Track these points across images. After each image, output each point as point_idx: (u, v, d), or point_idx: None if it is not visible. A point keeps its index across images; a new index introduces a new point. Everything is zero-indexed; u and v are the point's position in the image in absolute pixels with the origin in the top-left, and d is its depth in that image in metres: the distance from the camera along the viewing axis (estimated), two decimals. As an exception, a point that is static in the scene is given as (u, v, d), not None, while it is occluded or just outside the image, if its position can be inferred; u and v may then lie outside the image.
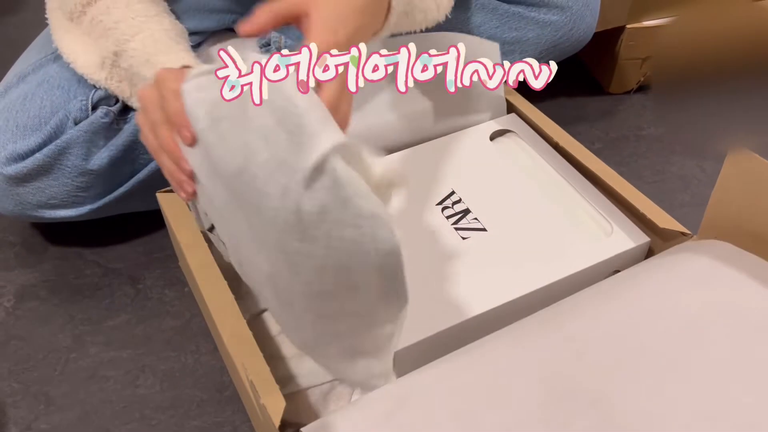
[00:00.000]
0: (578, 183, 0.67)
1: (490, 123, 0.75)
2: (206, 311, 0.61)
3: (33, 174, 0.68)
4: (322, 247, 0.41)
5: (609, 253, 0.60)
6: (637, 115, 0.97)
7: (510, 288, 0.57)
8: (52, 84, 0.70)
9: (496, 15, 0.78)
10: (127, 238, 0.79)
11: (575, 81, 1.03)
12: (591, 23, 0.81)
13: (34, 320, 0.71)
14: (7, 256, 0.77)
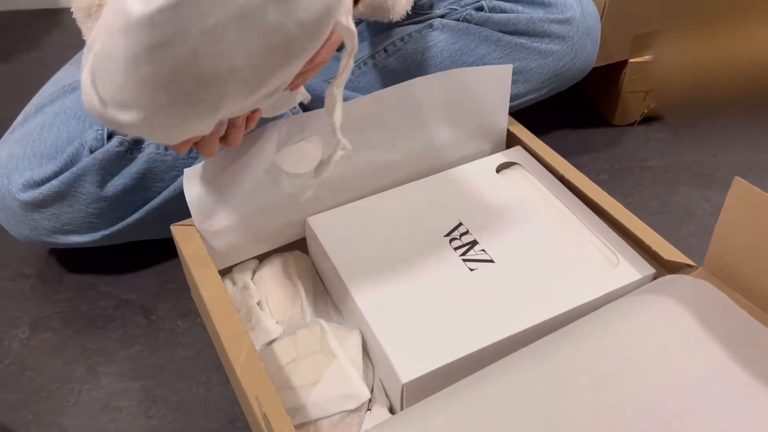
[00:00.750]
0: (584, 215, 0.68)
1: (496, 155, 0.77)
2: (218, 343, 0.62)
3: (48, 200, 0.70)
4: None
5: (615, 284, 0.61)
6: (641, 147, 0.98)
7: (517, 320, 0.58)
8: (68, 114, 0.72)
9: (499, 46, 0.80)
10: (141, 268, 0.81)
11: (579, 113, 1.04)
12: (592, 52, 0.83)
13: (48, 351, 0.72)
14: (22, 288, 0.79)
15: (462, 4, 0.80)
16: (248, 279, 0.71)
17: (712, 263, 0.60)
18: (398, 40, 0.81)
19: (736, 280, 0.58)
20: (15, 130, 0.72)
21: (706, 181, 0.92)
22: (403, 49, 0.80)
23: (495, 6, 0.79)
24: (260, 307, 0.68)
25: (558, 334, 0.56)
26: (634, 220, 0.66)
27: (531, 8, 0.79)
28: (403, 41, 0.80)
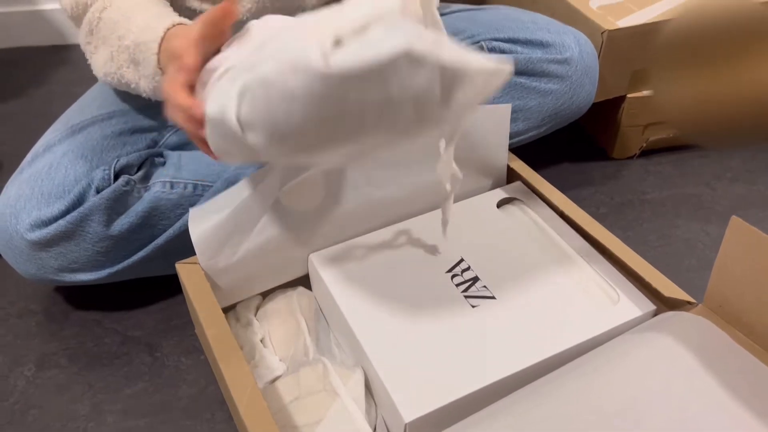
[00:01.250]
0: (584, 251, 0.69)
1: (497, 191, 0.78)
2: (222, 381, 0.62)
3: (55, 239, 0.71)
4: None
5: (616, 321, 0.61)
6: (640, 180, 0.99)
7: (520, 358, 0.58)
8: (76, 154, 0.74)
9: None
10: (146, 304, 0.81)
11: (579, 147, 1.06)
12: (591, 91, 0.84)
13: (53, 389, 0.72)
14: (29, 325, 0.80)
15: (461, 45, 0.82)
16: (252, 315, 0.71)
17: (712, 300, 0.60)
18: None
19: (736, 318, 0.58)
20: (24, 170, 0.74)
21: (706, 214, 0.92)
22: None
23: (494, 46, 0.81)
24: (263, 343, 0.69)
25: (561, 372, 0.56)
26: (634, 257, 0.66)
27: (529, 48, 0.80)
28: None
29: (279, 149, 0.46)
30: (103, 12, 0.69)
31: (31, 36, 1.45)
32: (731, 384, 0.52)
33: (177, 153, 0.78)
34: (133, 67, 0.68)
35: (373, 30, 0.39)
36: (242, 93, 0.45)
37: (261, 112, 0.44)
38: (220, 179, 0.76)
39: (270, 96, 0.43)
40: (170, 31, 0.62)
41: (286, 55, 0.42)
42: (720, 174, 1.00)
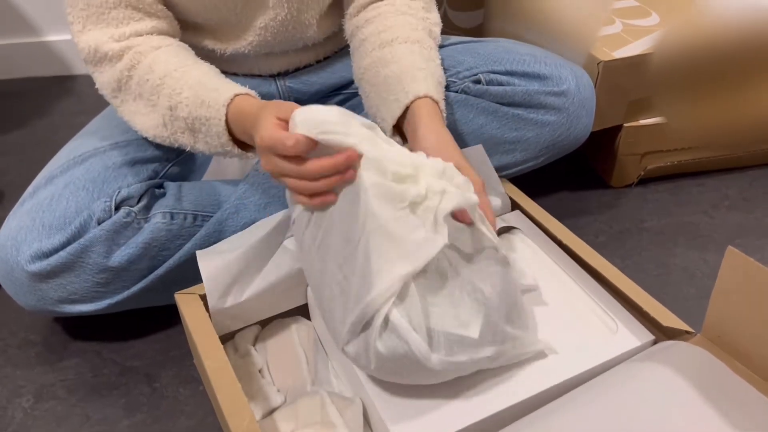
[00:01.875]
0: (583, 280, 0.69)
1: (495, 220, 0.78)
2: (220, 414, 0.62)
3: (56, 271, 0.71)
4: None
5: (615, 351, 0.61)
6: (638, 208, 0.99)
7: (518, 390, 0.58)
8: (77, 186, 0.74)
9: (497, 117, 0.83)
10: (145, 335, 0.81)
11: (577, 175, 1.06)
12: (587, 123, 0.85)
13: (51, 421, 0.72)
14: (28, 355, 0.79)
15: (460, 76, 0.83)
16: (250, 345, 0.71)
17: (710, 330, 0.60)
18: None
19: (734, 348, 0.58)
20: (25, 202, 0.74)
21: (704, 242, 0.93)
22: (403, 119, 0.83)
23: (492, 79, 0.82)
24: (262, 374, 0.69)
25: (559, 402, 0.56)
26: (633, 286, 0.67)
27: (527, 81, 0.81)
28: (404, 112, 0.83)
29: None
30: (132, 71, 0.70)
31: (35, 67, 1.47)
32: (730, 414, 0.52)
33: (177, 184, 0.79)
34: (189, 133, 0.71)
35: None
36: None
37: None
38: (220, 210, 0.77)
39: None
40: (232, 107, 0.67)
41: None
42: (718, 202, 1.00)
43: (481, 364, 0.57)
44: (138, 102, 0.72)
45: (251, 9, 0.76)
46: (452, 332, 0.55)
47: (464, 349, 0.55)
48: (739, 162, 1.06)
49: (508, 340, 0.57)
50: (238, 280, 0.68)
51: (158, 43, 0.72)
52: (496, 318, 0.56)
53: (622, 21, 0.98)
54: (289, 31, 0.79)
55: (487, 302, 0.56)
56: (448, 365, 0.55)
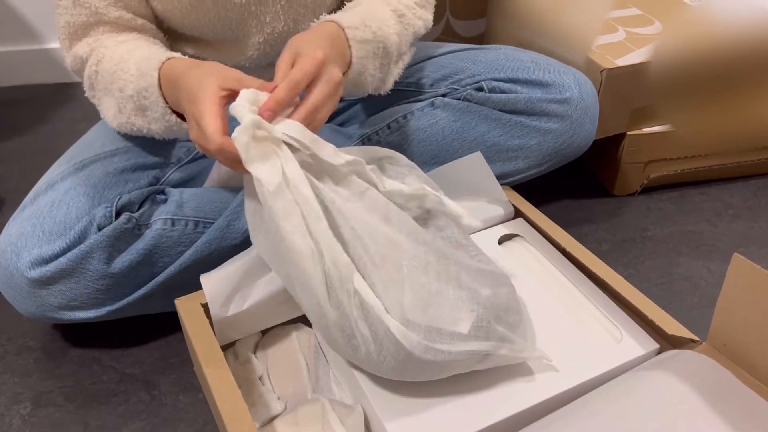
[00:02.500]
0: (586, 288, 0.69)
1: (498, 227, 0.78)
2: (220, 421, 0.61)
3: (56, 277, 0.71)
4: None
5: (619, 360, 0.61)
6: (642, 217, 0.99)
7: (521, 398, 0.58)
8: (78, 192, 0.74)
9: (499, 124, 0.82)
10: (144, 342, 0.81)
11: (580, 183, 1.06)
12: (591, 130, 0.85)
13: (50, 428, 0.71)
14: (26, 362, 0.79)
15: (462, 84, 0.83)
16: (251, 353, 0.71)
17: (716, 338, 0.60)
18: (401, 117, 0.83)
19: (740, 356, 0.58)
20: (26, 208, 0.74)
21: (708, 251, 0.92)
22: (405, 126, 0.83)
23: (494, 86, 0.82)
24: (262, 381, 0.68)
25: (563, 412, 0.56)
26: (637, 294, 0.66)
27: (529, 88, 0.81)
28: (406, 119, 0.83)
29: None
30: (98, 65, 0.71)
31: (36, 74, 1.47)
32: (736, 424, 0.51)
33: (179, 190, 0.78)
34: (140, 113, 0.71)
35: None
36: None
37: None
38: (221, 216, 0.76)
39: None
40: (163, 70, 0.65)
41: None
42: (721, 211, 1.00)
43: (469, 361, 0.56)
44: (106, 96, 0.73)
45: (247, 25, 0.76)
46: (442, 327, 0.55)
47: (447, 339, 0.55)
48: (743, 171, 1.05)
49: (498, 340, 0.57)
50: (240, 289, 0.67)
51: (125, 38, 0.72)
52: (486, 316, 0.56)
53: (625, 29, 0.98)
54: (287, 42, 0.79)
55: (479, 299, 0.56)
56: (429, 351, 0.54)
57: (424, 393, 0.59)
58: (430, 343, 0.54)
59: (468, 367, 0.57)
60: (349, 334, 0.55)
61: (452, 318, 0.55)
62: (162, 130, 0.71)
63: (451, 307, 0.56)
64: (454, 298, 0.56)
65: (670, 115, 0.97)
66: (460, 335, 0.55)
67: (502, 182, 0.82)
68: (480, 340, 0.56)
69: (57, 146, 0.87)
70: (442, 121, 0.82)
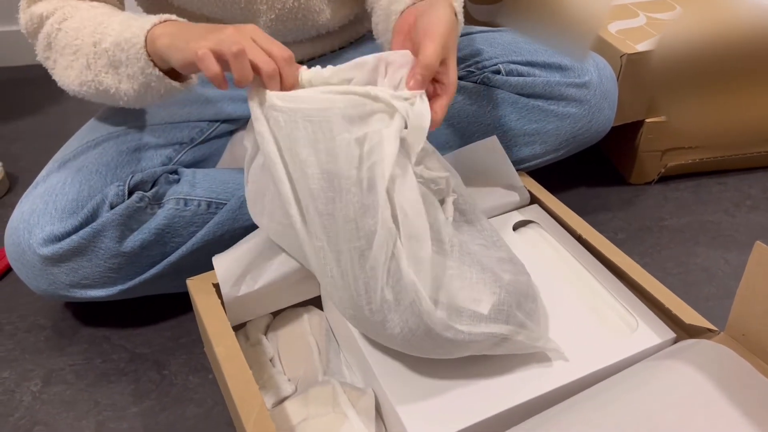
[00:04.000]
0: (602, 276, 0.68)
1: (513, 213, 0.77)
2: (230, 401, 0.61)
3: (68, 255, 0.71)
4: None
5: (634, 349, 0.60)
6: (658, 206, 0.98)
7: (535, 384, 0.57)
8: (90, 170, 0.73)
9: (517, 108, 0.81)
10: (155, 322, 0.80)
11: (597, 172, 1.05)
12: (609, 115, 0.83)
13: (59, 405, 0.71)
14: (37, 340, 0.79)
15: (480, 66, 0.82)
16: (261, 335, 0.70)
17: (734, 328, 0.58)
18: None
19: (759, 347, 0.57)
20: (38, 185, 0.74)
21: (725, 241, 0.91)
22: (420, 108, 0.81)
23: (512, 69, 0.80)
24: (273, 363, 0.68)
25: (577, 399, 0.55)
26: (654, 283, 0.65)
27: (548, 72, 0.80)
28: (422, 101, 0.82)
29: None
30: (63, 23, 0.68)
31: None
32: (754, 414, 0.50)
33: (191, 170, 0.78)
34: (112, 71, 0.66)
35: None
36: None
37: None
38: (234, 197, 0.76)
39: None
40: (163, 25, 0.62)
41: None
42: (739, 201, 0.98)
43: (485, 344, 0.56)
44: (65, 55, 0.68)
45: (256, 2, 0.75)
46: (462, 306, 0.54)
47: (467, 319, 0.55)
48: (762, 161, 1.04)
49: (516, 326, 0.56)
50: (252, 270, 0.67)
51: (99, 5, 0.69)
52: (508, 300, 0.56)
53: (646, 14, 0.96)
54: (299, 18, 0.78)
55: (501, 283, 0.56)
56: (449, 330, 0.54)
57: (436, 377, 0.58)
58: (452, 322, 0.54)
59: (482, 350, 0.57)
60: (371, 297, 0.54)
61: (473, 298, 0.55)
62: (134, 89, 0.66)
63: (472, 288, 0.55)
64: (476, 280, 0.56)
65: (666, 106, 0.95)
66: (481, 316, 0.55)
67: (519, 167, 0.81)
68: (500, 323, 0.55)
69: (69, 126, 0.87)
70: (459, 104, 0.81)
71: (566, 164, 0.93)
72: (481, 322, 0.55)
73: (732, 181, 1.02)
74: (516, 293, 0.57)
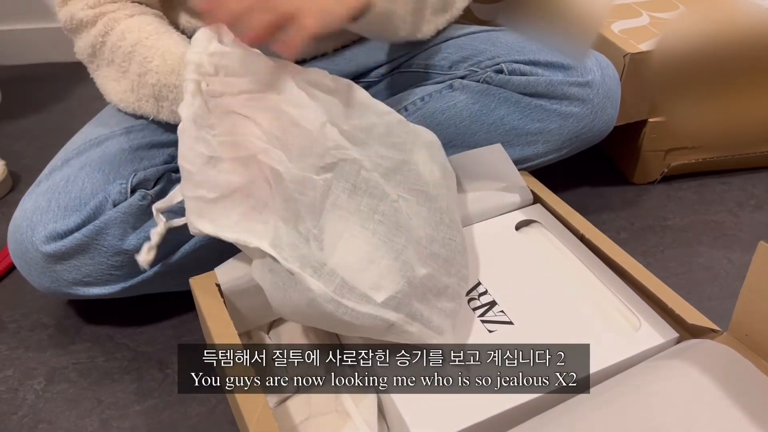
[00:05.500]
0: (605, 276, 0.68)
1: (515, 213, 0.77)
2: (232, 399, 0.61)
3: (71, 252, 0.71)
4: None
5: (637, 348, 0.60)
6: (661, 206, 0.97)
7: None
8: (93, 167, 0.74)
9: (519, 107, 0.81)
10: (158, 320, 0.81)
11: (599, 171, 1.05)
12: (612, 115, 0.83)
13: (63, 403, 0.71)
14: (40, 338, 0.79)
15: (482, 66, 0.82)
16: (264, 333, 0.70)
17: (737, 329, 0.58)
18: (419, 99, 0.82)
19: (763, 347, 0.57)
20: (41, 183, 0.74)
21: (728, 241, 0.90)
22: (423, 108, 0.81)
23: (514, 68, 0.80)
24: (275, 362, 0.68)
25: (579, 399, 0.55)
26: (657, 282, 0.65)
27: (550, 71, 0.80)
28: (424, 101, 0.82)
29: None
30: (105, 37, 0.71)
31: (53, 52, 1.47)
32: (758, 415, 0.50)
33: (194, 169, 0.78)
34: (153, 100, 0.71)
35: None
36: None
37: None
38: (236, 196, 0.76)
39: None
40: None
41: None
42: (743, 201, 0.98)
43: (374, 328, 0.57)
44: (110, 68, 0.73)
45: None
46: (353, 285, 0.56)
47: (356, 297, 0.56)
48: (766, 161, 1.03)
49: (407, 315, 0.57)
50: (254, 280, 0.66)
51: (132, 11, 0.72)
52: (408, 291, 0.57)
53: (649, 14, 0.96)
54: None
55: (411, 275, 0.57)
56: (332, 302, 0.55)
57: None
58: (338, 297, 0.55)
59: (375, 333, 0.57)
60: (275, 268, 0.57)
61: (374, 283, 0.56)
62: (173, 120, 0.72)
63: (377, 274, 0.56)
64: (384, 267, 0.57)
65: (665, 107, 0.95)
66: (368, 298, 0.55)
67: (521, 167, 0.81)
68: (388, 309, 0.56)
69: (72, 124, 0.87)
70: (461, 103, 0.81)
71: (569, 164, 0.93)
72: (368, 303, 0.56)
73: (736, 180, 1.02)
74: (423, 288, 0.58)
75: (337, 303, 0.55)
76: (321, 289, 0.55)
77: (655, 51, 0.88)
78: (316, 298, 0.55)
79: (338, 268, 0.56)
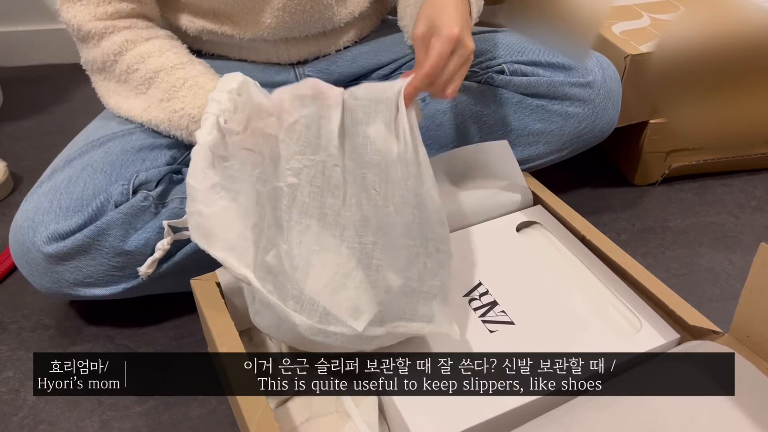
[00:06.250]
0: (606, 277, 0.68)
1: (516, 214, 0.77)
2: (233, 401, 0.61)
3: (72, 253, 0.71)
4: None
5: (638, 349, 0.60)
6: (662, 207, 0.97)
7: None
8: (95, 168, 0.74)
9: (521, 108, 0.81)
10: (159, 321, 0.81)
11: (600, 172, 1.05)
12: (613, 115, 0.83)
13: (63, 405, 0.71)
14: (41, 339, 0.79)
15: (483, 66, 0.82)
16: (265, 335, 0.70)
17: (738, 330, 0.58)
18: (420, 100, 0.82)
19: (764, 348, 0.57)
20: (43, 184, 0.74)
21: (729, 243, 0.90)
22: (424, 109, 0.81)
23: (516, 69, 0.80)
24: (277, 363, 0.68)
25: (581, 400, 0.55)
26: (658, 284, 0.65)
27: (552, 72, 0.80)
28: (425, 101, 0.82)
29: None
30: (119, 56, 0.73)
31: (54, 54, 1.47)
32: (758, 416, 0.50)
33: (195, 170, 0.78)
34: (166, 124, 0.74)
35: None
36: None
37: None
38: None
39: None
40: None
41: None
42: (744, 203, 0.98)
43: (361, 344, 0.58)
44: (120, 85, 0.75)
45: None
46: (335, 314, 0.57)
47: (341, 323, 0.56)
48: (767, 162, 1.03)
49: (394, 323, 0.58)
50: None
51: (148, 35, 0.73)
52: (389, 310, 0.57)
53: (650, 15, 0.96)
54: (307, 11, 0.77)
55: (388, 289, 0.57)
56: (320, 333, 0.56)
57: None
58: (324, 325, 0.56)
59: (366, 347, 0.58)
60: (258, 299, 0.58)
61: (353, 308, 0.57)
62: (183, 140, 0.76)
63: (354, 292, 0.57)
64: (360, 282, 0.58)
65: (666, 108, 0.95)
66: (351, 326, 0.57)
67: (522, 167, 0.81)
68: (374, 326, 0.57)
69: (73, 125, 0.87)
70: (462, 104, 0.81)
71: (570, 165, 0.93)
72: (353, 328, 0.57)
73: (737, 182, 1.02)
74: (406, 288, 0.58)
75: (325, 333, 0.56)
76: (305, 323, 0.56)
77: (656, 52, 0.88)
78: (302, 332, 0.56)
79: (316, 294, 0.57)
